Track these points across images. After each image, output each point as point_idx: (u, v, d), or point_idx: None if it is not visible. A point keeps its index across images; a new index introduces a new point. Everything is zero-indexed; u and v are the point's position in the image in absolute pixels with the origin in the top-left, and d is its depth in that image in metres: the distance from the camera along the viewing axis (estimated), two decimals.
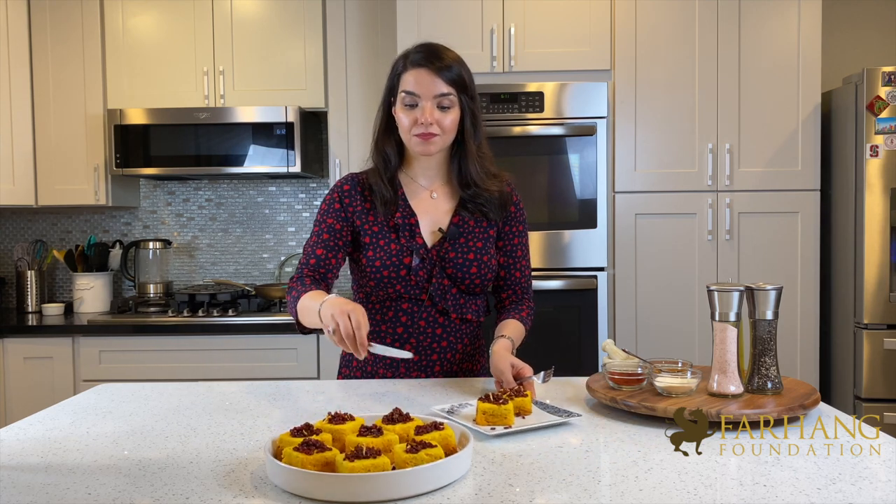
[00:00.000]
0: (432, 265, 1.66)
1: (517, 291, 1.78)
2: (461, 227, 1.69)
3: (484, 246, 1.70)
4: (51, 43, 3.28)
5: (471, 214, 1.70)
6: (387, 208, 1.67)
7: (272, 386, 1.65)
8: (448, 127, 1.61)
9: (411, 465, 0.99)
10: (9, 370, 3.05)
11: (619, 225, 2.96)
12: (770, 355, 1.40)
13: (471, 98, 1.65)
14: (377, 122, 1.71)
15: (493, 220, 1.72)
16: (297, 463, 1.00)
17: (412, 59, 1.62)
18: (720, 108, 2.94)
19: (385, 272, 1.64)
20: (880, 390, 2.84)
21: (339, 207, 1.69)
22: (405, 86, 1.61)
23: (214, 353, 3.02)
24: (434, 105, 1.59)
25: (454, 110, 1.62)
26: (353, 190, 1.70)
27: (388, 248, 1.65)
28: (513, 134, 2.89)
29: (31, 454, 1.20)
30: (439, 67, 1.59)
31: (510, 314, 1.73)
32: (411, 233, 1.67)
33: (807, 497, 0.98)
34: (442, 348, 1.71)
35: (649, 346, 2.90)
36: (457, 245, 1.67)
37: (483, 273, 1.68)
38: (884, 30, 3.47)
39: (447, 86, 1.60)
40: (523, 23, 2.94)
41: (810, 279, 2.95)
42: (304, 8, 3.28)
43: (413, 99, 1.60)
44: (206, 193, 3.67)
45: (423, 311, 1.68)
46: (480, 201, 1.68)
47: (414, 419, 1.16)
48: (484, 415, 1.29)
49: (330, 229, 1.67)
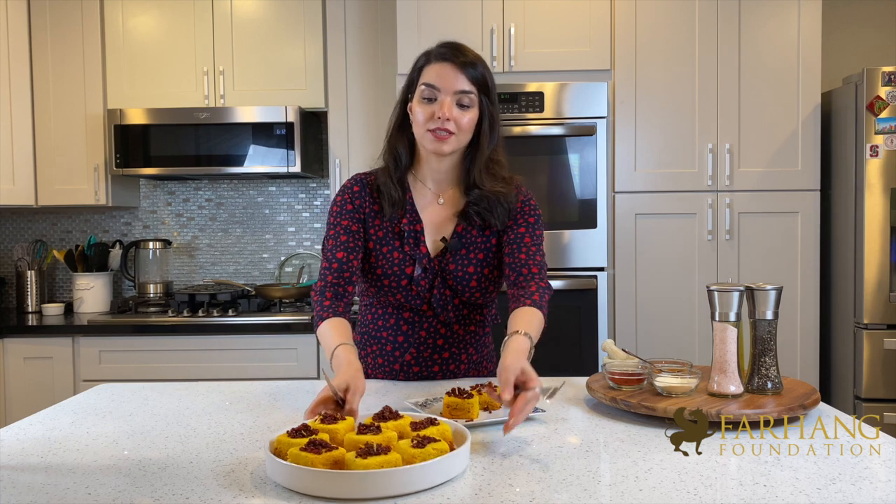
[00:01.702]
0: (434, 275, 1.62)
1: (523, 273, 1.58)
2: (464, 238, 1.63)
3: (485, 258, 1.64)
4: (51, 43, 3.28)
5: (474, 222, 1.62)
6: (394, 210, 1.62)
7: (272, 386, 1.65)
8: (465, 126, 1.55)
9: (419, 460, 1.01)
10: (9, 370, 3.05)
11: (619, 225, 2.96)
12: (770, 355, 1.40)
13: (491, 102, 1.59)
14: (392, 118, 1.65)
15: (496, 228, 1.63)
16: (308, 462, 1.00)
17: (436, 54, 1.57)
18: (720, 108, 2.94)
19: (386, 281, 1.61)
20: (880, 390, 2.84)
21: (352, 208, 1.63)
22: (426, 78, 1.55)
23: (214, 353, 3.02)
24: (453, 101, 1.53)
25: (473, 110, 1.56)
26: (363, 191, 1.65)
27: (390, 255, 1.62)
28: (513, 134, 2.89)
29: (31, 454, 1.20)
30: (463, 63, 1.54)
31: (521, 301, 1.52)
32: (416, 241, 1.62)
33: (807, 497, 0.98)
34: (444, 359, 1.68)
35: (649, 346, 2.90)
36: (458, 256, 1.62)
37: (484, 286, 1.64)
38: (884, 30, 3.47)
39: (469, 83, 1.54)
40: (523, 23, 2.94)
41: (810, 279, 2.95)
42: (304, 8, 3.28)
43: (433, 92, 1.53)
44: (206, 193, 3.67)
45: (424, 321, 1.65)
46: (484, 205, 1.60)
47: (404, 416, 1.18)
48: (448, 408, 1.31)
49: (346, 231, 1.62)
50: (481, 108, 1.57)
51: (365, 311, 1.74)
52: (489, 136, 1.59)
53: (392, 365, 1.69)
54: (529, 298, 1.52)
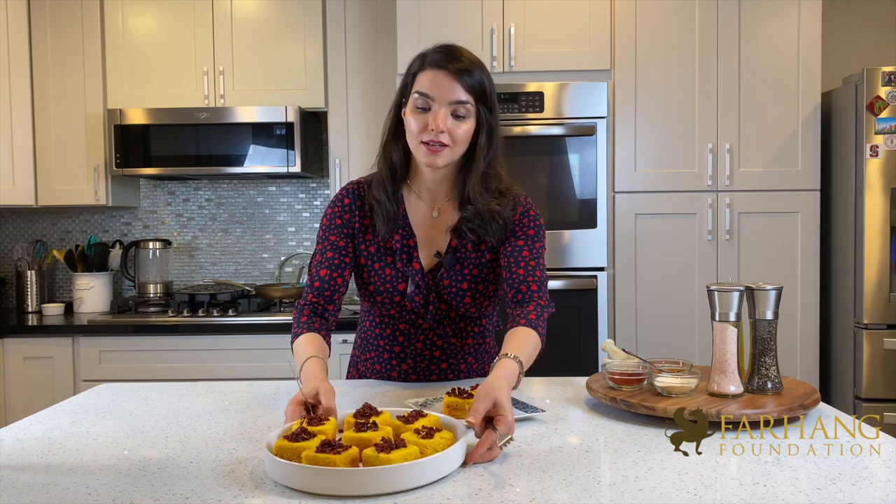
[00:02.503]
0: (429, 291, 1.58)
1: (521, 290, 1.51)
2: (458, 253, 1.57)
3: (479, 273, 1.58)
4: (51, 43, 3.28)
5: (469, 237, 1.55)
6: (388, 226, 1.55)
7: (272, 386, 1.65)
8: (460, 138, 1.46)
9: (431, 451, 1.05)
10: (9, 370, 3.05)
11: (619, 225, 2.96)
12: (770, 355, 1.40)
13: (489, 111, 1.49)
14: (386, 124, 1.57)
15: (491, 244, 1.57)
16: (330, 463, 1.00)
17: (430, 59, 1.47)
18: (720, 108, 2.94)
19: (379, 297, 1.58)
20: (880, 390, 2.84)
21: (341, 223, 1.58)
22: (419, 86, 1.46)
23: (214, 353, 3.02)
24: (448, 112, 1.44)
25: (469, 121, 1.46)
26: (353, 205, 1.59)
27: (382, 272, 1.57)
28: (513, 134, 2.89)
29: (31, 454, 1.20)
30: (459, 70, 1.44)
31: (516, 321, 1.47)
32: (409, 257, 1.56)
33: (807, 497, 0.98)
34: (442, 370, 1.66)
35: (649, 346, 2.90)
36: (452, 273, 1.57)
37: (478, 301, 1.59)
38: (884, 30, 3.47)
39: (466, 93, 1.44)
40: (523, 23, 2.94)
41: (810, 279, 2.95)
42: (304, 8, 3.28)
43: (426, 101, 1.44)
44: (206, 193, 3.67)
45: (420, 333, 1.62)
46: (478, 222, 1.53)
47: (383, 412, 1.20)
48: (448, 408, 1.32)
49: (333, 247, 1.57)
50: (478, 118, 1.48)
51: (364, 317, 1.72)
52: (486, 148, 1.51)
53: (390, 373, 1.68)
54: (525, 318, 1.46)
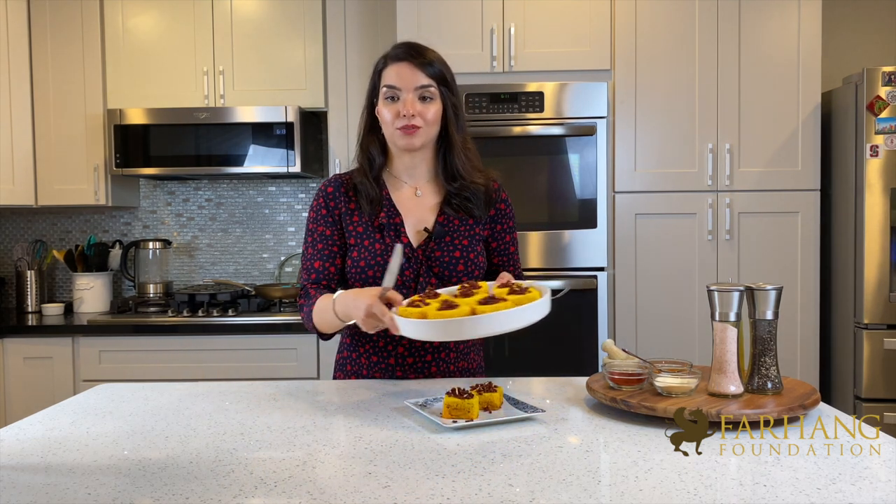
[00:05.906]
0: (419, 265, 1.64)
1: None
2: (446, 226, 1.67)
3: (470, 243, 1.68)
4: (51, 43, 3.28)
5: (455, 212, 1.68)
6: (372, 207, 1.66)
7: (272, 386, 1.65)
8: (431, 119, 1.61)
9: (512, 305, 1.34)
10: (9, 370, 3.05)
11: (619, 225, 2.96)
12: (770, 355, 1.40)
13: (452, 93, 1.65)
14: (361, 122, 1.73)
15: (478, 218, 1.70)
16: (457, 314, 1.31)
17: (392, 55, 1.63)
18: (720, 108, 2.94)
19: (370, 272, 1.63)
20: (880, 390, 2.84)
21: (326, 213, 1.69)
22: (387, 80, 1.62)
23: (214, 353, 3.02)
24: (416, 97, 1.60)
25: (436, 102, 1.62)
26: (337, 192, 1.70)
27: (372, 248, 1.64)
28: (513, 134, 2.89)
29: (31, 454, 1.20)
30: (421, 62, 1.61)
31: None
32: (396, 232, 1.65)
33: (807, 497, 0.98)
34: (435, 348, 1.69)
35: (649, 346, 2.90)
36: (442, 244, 1.65)
37: (471, 270, 1.66)
38: (884, 30, 3.47)
39: (428, 78, 1.60)
40: (523, 23, 2.94)
41: (810, 279, 2.95)
42: (304, 8, 3.28)
43: (394, 92, 1.60)
44: (205, 193, 3.67)
45: None
46: (466, 195, 1.67)
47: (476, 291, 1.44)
48: (448, 408, 1.32)
49: (322, 237, 1.68)
50: (444, 100, 1.63)
51: None
52: (455, 122, 1.66)
53: (387, 360, 1.68)
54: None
